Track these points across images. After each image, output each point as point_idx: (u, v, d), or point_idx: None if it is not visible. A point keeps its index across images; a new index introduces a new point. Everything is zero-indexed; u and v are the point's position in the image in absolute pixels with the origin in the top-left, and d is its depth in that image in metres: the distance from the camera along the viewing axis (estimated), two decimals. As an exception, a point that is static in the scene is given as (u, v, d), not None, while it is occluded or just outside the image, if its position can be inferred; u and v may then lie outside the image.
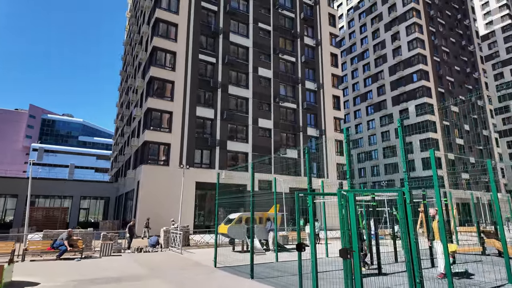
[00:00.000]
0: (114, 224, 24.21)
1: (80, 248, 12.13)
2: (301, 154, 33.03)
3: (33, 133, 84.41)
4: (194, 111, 27.86)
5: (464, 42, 57.12)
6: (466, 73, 55.44)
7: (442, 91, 49.51)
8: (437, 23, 53.34)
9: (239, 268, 9.72)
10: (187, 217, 24.13)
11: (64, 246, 11.59)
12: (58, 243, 11.71)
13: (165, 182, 24.64)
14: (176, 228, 16.66)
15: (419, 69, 47.90)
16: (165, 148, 26.13)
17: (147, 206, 23.69)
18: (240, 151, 29.45)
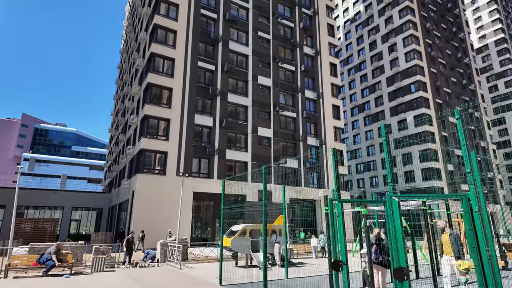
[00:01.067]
0: (107, 236, 23.26)
1: (69, 263, 11.11)
2: (301, 164, 32.35)
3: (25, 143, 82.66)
4: (192, 118, 27.25)
5: (459, 54, 57.79)
6: (462, 85, 55.85)
7: (439, 102, 49.59)
8: (433, 35, 53.95)
9: (247, 286, 8.74)
10: (184, 229, 23.21)
11: (52, 261, 10.56)
12: (46, 257, 10.71)
13: (162, 192, 23.91)
14: (174, 240, 15.88)
15: (417, 80, 48.02)
16: (162, 157, 25.51)
17: (142, 217, 22.83)
18: (239, 160, 28.78)
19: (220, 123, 28.42)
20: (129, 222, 24.06)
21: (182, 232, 22.28)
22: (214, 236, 26.90)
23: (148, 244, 20.67)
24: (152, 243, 20.83)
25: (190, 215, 25.00)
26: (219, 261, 14.62)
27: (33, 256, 11.10)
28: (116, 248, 16.06)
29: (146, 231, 21.74)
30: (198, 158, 26.96)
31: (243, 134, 29.56)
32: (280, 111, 32.19)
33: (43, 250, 12.27)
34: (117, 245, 16.22)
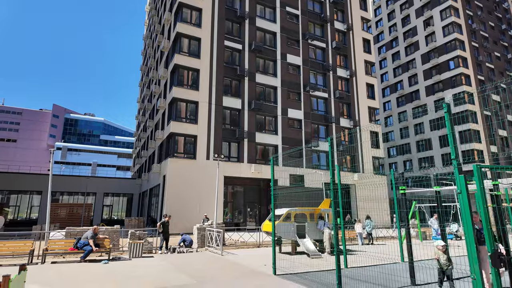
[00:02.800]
0: (140, 221, 23.04)
1: (107, 249, 10.53)
2: (334, 146, 30.72)
3: (57, 132, 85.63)
4: (220, 100, 26.45)
5: (503, 26, 52.78)
6: (507, 59, 51.17)
7: (481, 79, 45.68)
8: (474, 6, 49.38)
9: (307, 276, 7.59)
10: (213, 213, 22.35)
11: (89, 246, 9.99)
12: (83, 242, 10.14)
13: (193, 176, 23.63)
14: (211, 225, 15.22)
15: (457, 56, 44.32)
16: (191, 141, 25.05)
17: (174, 201, 22.58)
18: (269, 143, 27.94)
19: (248, 105, 27.53)
20: (161, 206, 23.93)
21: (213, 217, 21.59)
22: (245, 221, 26.61)
23: (181, 229, 20.24)
24: (185, 228, 20.40)
25: (221, 200, 24.56)
26: (258, 246, 13.95)
27: (70, 240, 10.64)
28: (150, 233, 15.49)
29: (177, 215, 21.50)
30: (228, 141, 26.40)
31: (273, 116, 28.65)
32: (310, 91, 30.78)
33: (79, 234, 11.88)
34: (151, 230, 15.68)
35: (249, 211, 27.44)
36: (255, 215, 27.41)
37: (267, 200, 27.66)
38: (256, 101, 27.54)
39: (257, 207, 27.66)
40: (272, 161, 9.21)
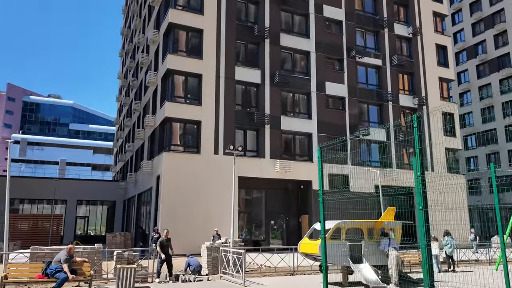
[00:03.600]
0: (127, 238, 23.31)
1: (87, 276, 10.48)
2: (391, 135, 29.97)
3: (13, 121, 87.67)
4: (232, 72, 26.28)
5: None
6: None
7: None
8: None
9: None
10: (227, 227, 22.25)
11: (63, 272, 9.93)
12: (54, 267, 10.07)
13: (197, 177, 23.66)
14: (225, 243, 15.23)
15: None
16: (194, 128, 25.19)
17: (173, 211, 22.63)
18: (299, 131, 27.85)
19: (270, 79, 27.32)
20: (154, 218, 24.12)
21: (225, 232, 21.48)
22: (268, 238, 26.68)
23: (182, 249, 20.12)
24: (187, 247, 20.34)
25: (236, 209, 24.08)
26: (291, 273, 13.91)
27: (37, 265, 10.57)
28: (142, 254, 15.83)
29: (177, 230, 21.25)
30: (243, 129, 26.48)
31: (304, 93, 28.63)
32: (357, 57, 30.29)
33: (49, 257, 11.86)
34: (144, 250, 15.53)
35: (272, 224, 27.46)
36: (281, 230, 27.43)
37: (298, 208, 27.60)
38: (281, 73, 27.31)
39: (283, 219, 27.62)
40: (320, 153, 8.71)
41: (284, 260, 14.72)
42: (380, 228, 12.23)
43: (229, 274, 12.95)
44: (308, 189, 26.77)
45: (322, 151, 9.07)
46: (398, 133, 30.57)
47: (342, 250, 11.47)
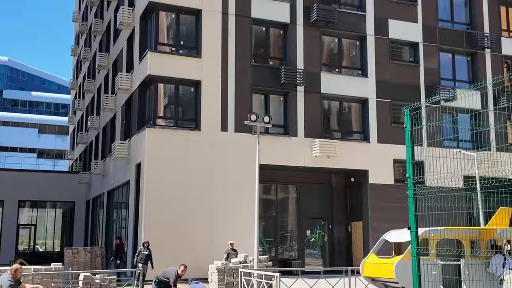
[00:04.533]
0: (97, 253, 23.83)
1: None
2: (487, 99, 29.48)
3: None
4: (246, 7, 26.39)
5: None
6: None
7: None
8: None
9: None
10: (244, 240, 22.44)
11: None
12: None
13: (195, 164, 23.74)
14: (245, 262, 15.77)
15: None
16: (191, 92, 25.54)
17: (162, 214, 22.75)
18: (349, 95, 27.92)
19: (305, 16, 27.15)
20: (134, 227, 24.42)
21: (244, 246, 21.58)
22: (302, 256, 27.13)
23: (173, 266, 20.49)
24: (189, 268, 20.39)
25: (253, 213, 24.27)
26: None
27: None
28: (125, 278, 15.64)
29: (170, 242, 21.78)
30: (264, 93, 26.75)
31: (357, 37, 28.67)
32: None
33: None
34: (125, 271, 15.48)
35: (308, 236, 27.87)
36: (321, 243, 27.83)
37: (347, 212, 27.95)
38: (320, 7, 27.04)
39: (324, 228, 27.98)
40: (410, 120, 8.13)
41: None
42: (489, 239, 12.27)
43: None
44: (363, 183, 26.93)
45: (411, 116, 8.44)
46: (499, 97, 30.11)
47: (431, 272, 11.26)
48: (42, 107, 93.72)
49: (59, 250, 39.12)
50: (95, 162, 34.16)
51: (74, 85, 52.02)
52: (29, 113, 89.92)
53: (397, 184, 26.81)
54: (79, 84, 48.66)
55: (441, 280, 11.42)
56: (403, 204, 26.77)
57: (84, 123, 42.83)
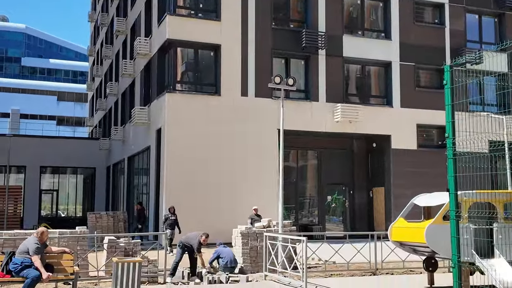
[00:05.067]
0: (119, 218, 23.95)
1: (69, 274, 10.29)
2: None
3: None
4: None
5: None
6: None
7: None
8: None
9: None
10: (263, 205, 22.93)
11: (33, 268, 9.63)
12: (20, 261, 9.77)
13: (216, 129, 23.80)
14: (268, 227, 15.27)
15: None
16: (210, 56, 25.37)
17: (183, 180, 22.84)
18: (372, 59, 27.65)
19: None
20: (156, 191, 24.60)
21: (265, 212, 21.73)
22: (323, 222, 27.36)
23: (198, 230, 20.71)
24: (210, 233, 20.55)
25: (274, 179, 24.24)
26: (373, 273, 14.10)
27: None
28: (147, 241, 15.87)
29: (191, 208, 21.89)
30: (285, 57, 26.55)
31: None
32: None
33: (9, 245, 11.77)
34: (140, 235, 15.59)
35: (329, 201, 27.98)
36: (342, 209, 27.95)
37: (368, 178, 27.92)
38: None
39: (346, 192, 28.03)
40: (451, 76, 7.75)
41: (361, 254, 14.30)
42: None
43: (279, 272, 12.80)
44: (385, 148, 26.83)
45: (452, 73, 8.04)
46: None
47: (463, 236, 10.96)
48: (60, 74, 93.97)
49: (81, 215, 39.84)
50: (114, 128, 34.30)
51: (92, 51, 51.92)
52: (47, 81, 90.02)
53: (420, 150, 26.75)
54: (97, 51, 48.59)
55: (473, 245, 11.12)
56: (426, 170, 27.00)
57: (103, 90, 42.95)
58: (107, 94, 38.85)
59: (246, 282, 12.69)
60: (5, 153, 32.90)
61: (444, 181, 27.02)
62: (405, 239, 11.86)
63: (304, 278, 11.20)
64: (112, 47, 39.03)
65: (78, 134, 71.10)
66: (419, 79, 27.66)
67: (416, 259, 14.03)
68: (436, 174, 25.68)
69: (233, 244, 15.09)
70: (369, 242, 14.15)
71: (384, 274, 13.95)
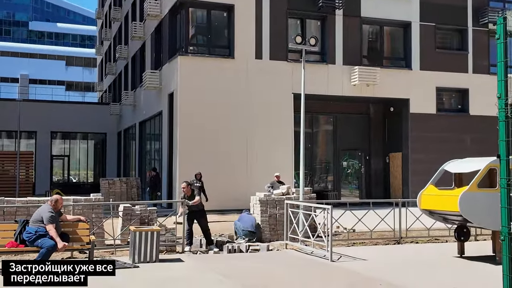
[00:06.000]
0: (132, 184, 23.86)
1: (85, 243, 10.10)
2: None
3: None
4: None
5: None
6: None
7: None
8: None
9: None
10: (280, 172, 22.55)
11: (48, 238, 9.41)
12: (34, 230, 9.55)
13: (230, 93, 23.71)
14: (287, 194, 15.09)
15: None
16: (223, 18, 25.08)
17: (196, 146, 22.78)
18: (390, 19, 26.98)
19: None
20: (168, 159, 24.61)
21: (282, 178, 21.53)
22: (338, 188, 27.24)
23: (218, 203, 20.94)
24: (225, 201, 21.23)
25: (290, 143, 24.67)
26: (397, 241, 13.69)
27: (6, 226, 10.16)
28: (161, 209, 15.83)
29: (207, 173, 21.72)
30: (300, 18, 26.12)
31: None
32: None
33: (22, 213, 11.54)
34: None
35: (344, 167, 27.83)
36: (358, 175, 27.90)
37: (384, 143, 27.66)
38: None
39: (361, 158, 27.88)
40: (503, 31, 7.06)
41: (385, 221, 13.90)
42: None
43: (300, 241, 12.55)
44: (403, 112, 26.46)
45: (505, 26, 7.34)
46: None
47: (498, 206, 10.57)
48: (68, 39, 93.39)
49: (93, 181, 40.35)
50: (125, 93, 34.10)
51: (100, 14, 51.11)
52: (55, 45, 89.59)
53: (439, 114, 26.40)
54: (105, 13, 47.88)
55: (511, 214, 10.79)
56: (445, 134, 26.52)
57: (112, 53, 42.59)
58: (117, 58, 38.44)
59: (266, 251, 12.53)
60: (15, 118, 32.60)
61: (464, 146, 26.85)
62: (436, 207, 11.56)
63: (329, 247, 10.86)
64: (120, 9, 38.50)
65: (87, 99, 71.12)
66: (439, 40, 27.12)
67: (439, 227, 13.73)
68: (456, 139, 25.54)
69: (251, 211, 14.91)
70: (394, 209, 13.72)
71: (408, 243, 13.63)
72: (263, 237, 13.95)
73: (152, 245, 10.64)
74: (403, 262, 11.11)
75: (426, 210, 11.73)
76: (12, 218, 11.38)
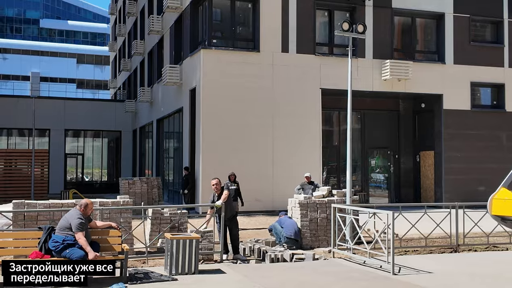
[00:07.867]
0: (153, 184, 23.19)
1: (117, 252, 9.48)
2: None
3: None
4: None
5: None
6: None
7: None
8: None
9: None
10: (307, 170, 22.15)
11: (77, 247, 8.80)
12: (61, 239, 8.88)
13: (256, 88, 23.31)
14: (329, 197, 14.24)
15: None
16: (249, 9, 24.46)
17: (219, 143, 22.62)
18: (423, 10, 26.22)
19: None
20: (190, 156, 24.23)
21: None
22: (367, 187, 26.79)
23: None
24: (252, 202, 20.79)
25: (317, 142, 24.39)
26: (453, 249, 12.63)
27: (29, 234, 9.53)
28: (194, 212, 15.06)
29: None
30: (328, 9, 25.57)
31: None
32: None
33: (44, 217, 10.79)
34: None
35: (372, 166, 27.42)
36: (387, 174, 27.32)
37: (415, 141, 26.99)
38: None
39: (390, 156, 27.34)
40: None
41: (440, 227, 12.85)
42: None
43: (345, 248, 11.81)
44: (435, 108, 25.72)
45: None
46: None
47: None
48: (79, 36, 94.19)
49: (107, 180, 40.55)
50: (141, 90, 33.80)
51: (113, 9, 51.08)
52: (66, 43, 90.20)
53: (474, 110, 25.70)
54: (118, 8, 47.87)
55: None
56: (480, 132, 25.58)
57: (127, 49, 42.52)
58: (132, 53, 38.17)
59: (312, 261, 11.62)
60: (27, 115, 32.59)
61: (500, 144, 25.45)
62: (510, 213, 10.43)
63: (391, 258, 9.74)
64: (136, 4, 38.19)
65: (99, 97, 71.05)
66: (474, 32, 26.51)
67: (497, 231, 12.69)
68: (491, 136, 24.73)
69: (290, 212, 14.08)
70: (450, 212, 12.64)
71: (466, 251, 12.64)
72: (303, 243, 13.16)
73: (191, 255, 9.88)
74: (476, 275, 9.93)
75: (498, 217, 10.79)
76: (33, 224, 10.67)
